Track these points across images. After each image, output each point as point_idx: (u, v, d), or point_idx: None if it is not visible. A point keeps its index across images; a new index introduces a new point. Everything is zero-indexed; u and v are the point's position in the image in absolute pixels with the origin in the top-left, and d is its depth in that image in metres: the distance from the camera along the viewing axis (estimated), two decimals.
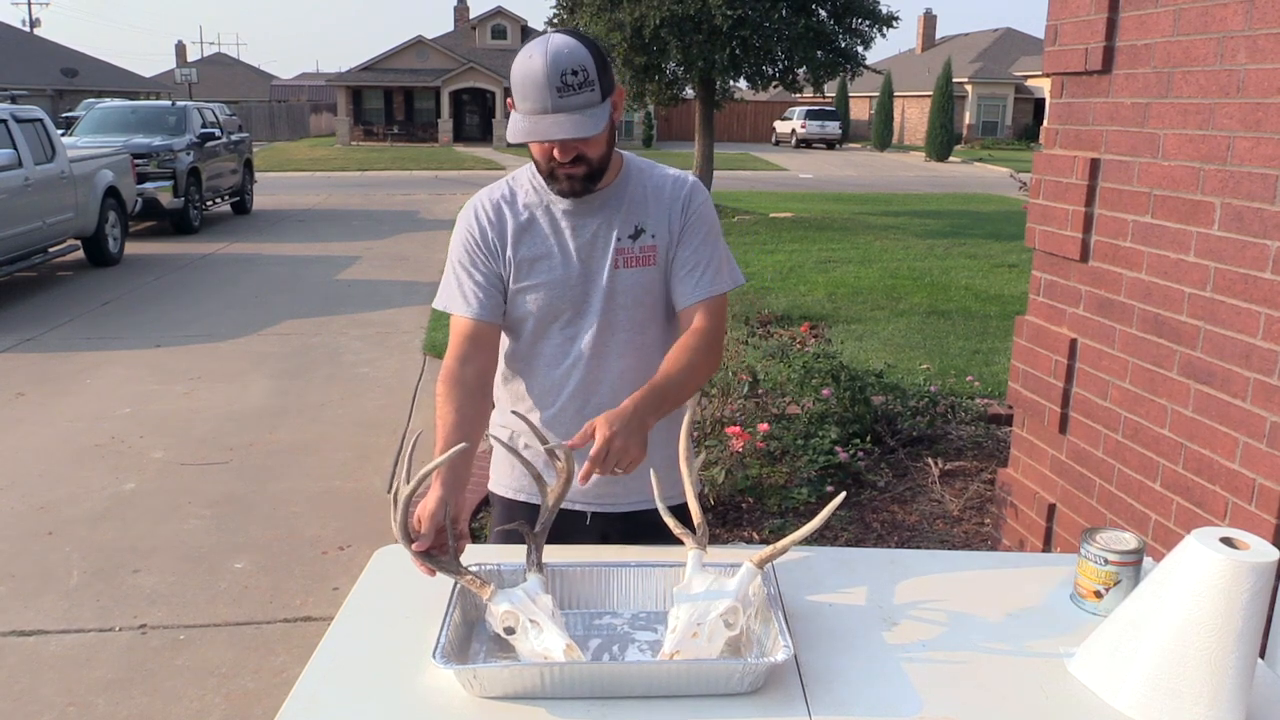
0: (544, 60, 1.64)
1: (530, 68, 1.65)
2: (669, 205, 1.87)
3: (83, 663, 3.11)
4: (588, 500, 1.93)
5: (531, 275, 1.84)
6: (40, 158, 9.28)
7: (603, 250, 1.84)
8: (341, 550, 3.94)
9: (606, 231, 1.84)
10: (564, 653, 1.34)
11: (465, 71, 40.34)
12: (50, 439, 5.16)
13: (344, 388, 6.16)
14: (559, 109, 1.65)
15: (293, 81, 75.69)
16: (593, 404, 1.86)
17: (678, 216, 1.87)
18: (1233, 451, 2.34)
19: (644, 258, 1.85)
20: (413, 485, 1.45)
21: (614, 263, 1.83)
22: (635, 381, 1.83)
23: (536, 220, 1.85)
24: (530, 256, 1.84)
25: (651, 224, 1.86)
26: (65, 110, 27.57)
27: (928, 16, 53.43)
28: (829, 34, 14.53)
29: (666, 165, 1.94)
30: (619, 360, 1.87)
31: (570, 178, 1.76)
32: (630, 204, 1.86)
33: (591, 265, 1.84)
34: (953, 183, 24.19)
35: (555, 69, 1.64)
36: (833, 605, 1.58)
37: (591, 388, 1.87)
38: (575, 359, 1.87)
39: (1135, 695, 1.30)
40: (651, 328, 1.90)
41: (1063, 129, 3.02)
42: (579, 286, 1.84)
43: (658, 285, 1.88)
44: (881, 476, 4.41)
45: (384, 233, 13.47)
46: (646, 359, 1.87)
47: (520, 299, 1.86)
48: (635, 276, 1.85)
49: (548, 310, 1.85)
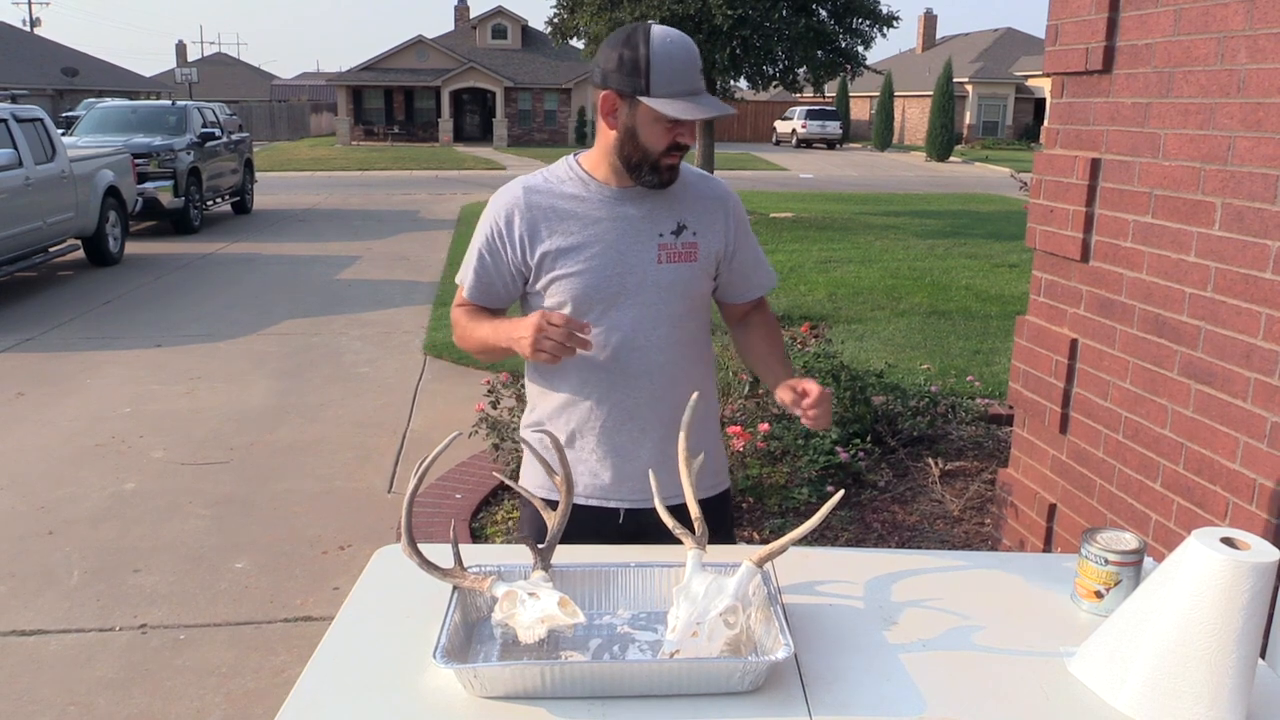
0: (684, 42, 1.72)
1: (680, 49, 1.71)
2: (713, 207, 1.91)
3: (83, 663, 3.11)
4: (621, 498, 1.93)
5: (565, 264, 1.83)
6: (40, 157, 9.28)
7: (645, 244, 1.84)
8: (341, 550, 3.94)
9: (650, 226, 1.85)
10: (559, 605, 1.35)
11: (465, 71, 40.34)
12: (50, 439, 5.16)
13: (344, 388, 6.16)
14: (703, 89, 1.74)
15: (293, 81, 75.75)
16: (633, 397, 1.87)
17: (730, 220, 1.92)
18: (1233, 452, 2.34)
19: (686, 253, 1.87)
20: (414, 484, 1.45)
21: (658, 258, 1.84)
22: (675, 375, 1.88)
23: (575, 211, 1.84)
24: (565, 246, 1.83)
25: (693, 221, 1.88)
26: (65, 110, 27.58)
27: (928, 16, 53.44)
28: (829, 34, 14.52)
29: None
30: (659, 354, 1.88)
31: (672, 167, 1.80)
32: (672, 199, 1.87)
33: (631, 258, 1.84)
34: (953, 183, 24.18)
35: (692, 50, 1.73)
36: (833, 605, 1.58)
37: (631, 380, 1.87)
38: (614, 351, 1.86)
39: (1135, 695, 1.30)
40: (690, 322, 1.92)
41: (1063, 129, 3.02)
42: (616, 279, 1.83)
43: (698, 282, 1.90)
44: (882, 476, 4.41)
45: (384, 233, 13.48)
46: (684, 353, 1.90)
47: (554, 288, 1.85)
48: (678, 271, 1.86)
49: (583, 300, 1.84)
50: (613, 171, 1.83)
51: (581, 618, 1.37)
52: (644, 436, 1.90)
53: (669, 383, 1.88)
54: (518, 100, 41.55)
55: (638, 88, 1.71)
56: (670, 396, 1.88)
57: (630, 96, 1.72)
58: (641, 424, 1.89)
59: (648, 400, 1.88)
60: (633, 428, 1.89)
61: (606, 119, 1.78)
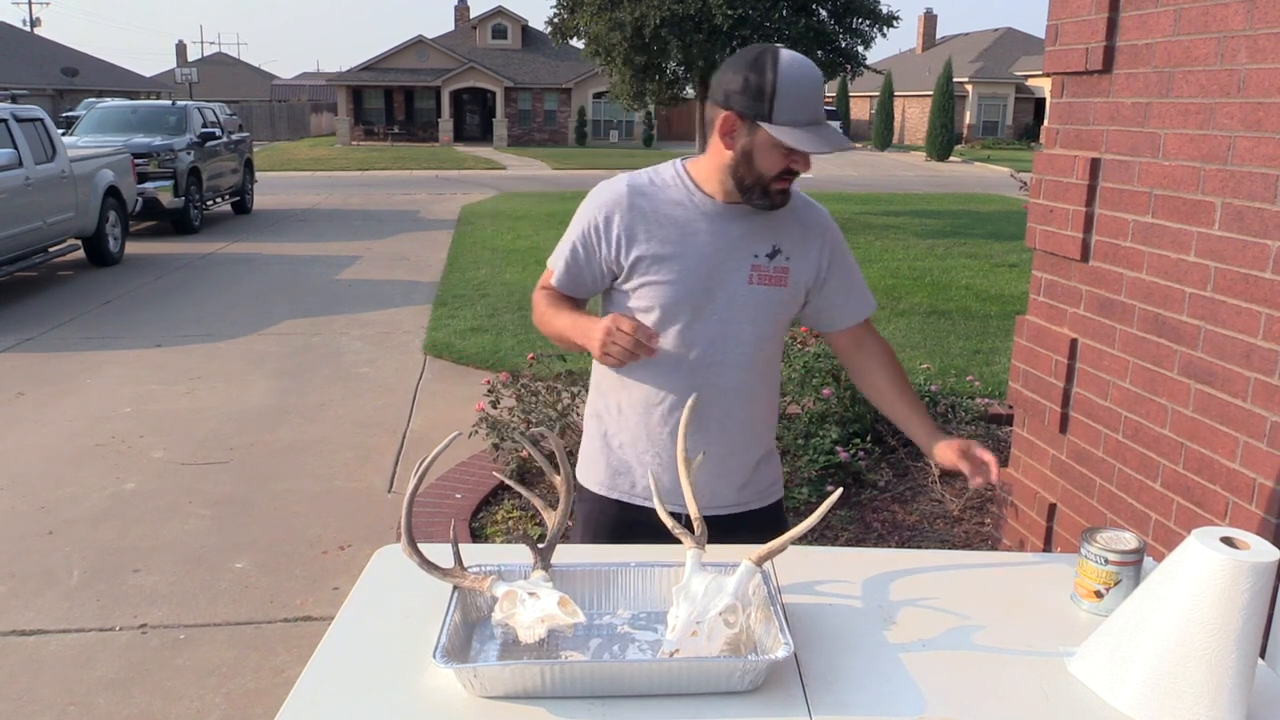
0: (811, 72, 1.68)
1: (806, 79, 1.68)
2: (811, 235, 1.89)
3: (83, 663, 3.11)
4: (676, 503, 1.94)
5: (658, 271, 1.82)
6: (41, 157, 9.28)
7: (739, 262, 1.83)
8: (341, 550, 3.94)
9: (746, 245, 1.83)
10: (559, 605, 1.35)
11: (466, 71, 40.34)
12: (50, 439, 5.16)
13: (344, 388, 6.16)
14: (824, 119, 1.70)
15: (293, 81, 75.75)
16: (703, 409, 1.87)
17: (825, 250, 1.91)
18: (1233, 451, 2.34)
19: (777, 277, 1.86)
20: (414, 484, 1.45)
21: (749, 278, 1.84)
22: (749, 394, 1.90)
23: (676, 219, 1.83)
24: (661, 254, 1.82)
25: (789, 246, 1.86)
26: (66, 110, 27.59)
27: (928, 16, 53.44)
28: (829, 34, 14.51)
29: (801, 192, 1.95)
30: (735, 371, 1.88)
31: (783, 191, 1.78)
32: (770, 222, 1.85)
33: (722, 274, 1.83)
34: (953, 183, 24.18)
35: (817, 82, 1.69)
36: (833, 605, 1.58)
37: (705, 394, 1.87)
38: (693, 363, 1.86)
39: (1135, 695, 1.30)
40: (769, 345, 1.92)
41: (1063, 129, 3.02)
42: (705, 292, 1.83)
43: (784, 307, 1.89)
44: (882, 476, 4.41)
45: (384, 233, 13.47)
46: (758, 373, 1.91)
47: (643, 292, 1.84)
48: (766, 294, 1.85)
49: (669, 308, 1.83)
50: (721, 188, 1.82)
51: (581, 617, 1.37)
52: (707, 449, 1.92)
53: (740, 401, 1.90)
54: (518, 100, 41.55)
55: (760, 113, 1.69)
56: (739, 413, 1.91)
57: (751, 120, 1.70)
58: (706, 436, 1.90)
59: (717, 415, 1.89)
60: (704, 441, 1.91)
61: (724, 139, 1.76)
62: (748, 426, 1.94)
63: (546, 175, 25.33)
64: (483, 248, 11.78)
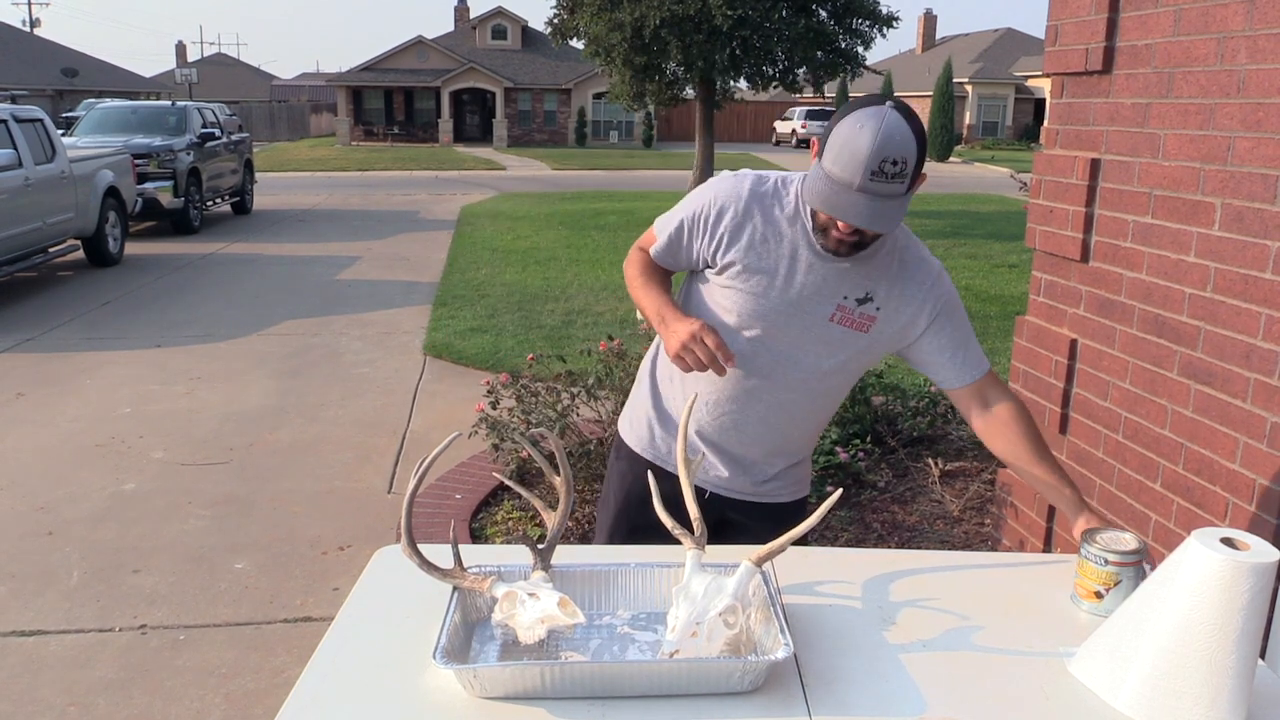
0: (872, 139, 1.57)
1: (857, 140, 1.58)
2: (912, 297, 1.83)
3: (83, 663, 3.11)
4: (708, 480, 1.99)
5: (747, 280, 1.81)
6: (40, 158, 9.28)
7: (827, 298, 1.81)
8: (341, 550, 3.94)
9: (837, 284, 1.80)
10: (559, 605, 1.35)
11: (465, 71, 40.34)
12: (50, 439, 5.16)
13: (344, 388, 6.16)
14: (865, 190, 1.59)
15: (293, 81, 75.77)
16: (749, 416, 1.89)
17: (926, 314, 1.83)
18: (1233, 452, 2.34)
19: (860, 324, 1.83)
20: (414, 484, 1.45)
21: (831, 315, 1.82)
22: (797, 414, 1.92)
23: (783, 235, 1.80)
24: (755, 265, 1.81)
25: (882, 296, 1.82)
26: (65, 110, 27.58)
27: (928, 16, 53.43)
28: (829, 34, 14.53)
29: (923, 246, 1.89)
30: (789, 392, 1.88)
31: (841, 243, 1.73)
32: (873, 269, 1.81)
33: (806, 304, 1.81)
34: (953, 183, 24.18)
35: (880, 154, 1.57)
36: (832, 605, 1.58)
37: (751, 403, 1.88)
38: (752, 370, 1.86)
39: (1135, 695, 1.30)
40: (833, 380, 1.91)
41: (1063, 129, 3.02)
42: (784, 316, 1.82)
43: (860, 354, 1.88)
44: (882, 477, 4.41)
45: (384, 233, 13.47)
46: (815, 403, 1.93)
47: (728, 293, 1.84)
48: (844, 336, 1.84)
49: (745, 318, 1.83)
50: None
51: (581, 618, 1.37)
52: (744, 449, 1.96)
53: (786, 416, 1.91)
54: (518, 100, 41.54)
55: (820, 150, 1.66)
56: (783, 428, 1.94)
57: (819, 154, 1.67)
58: (745, 440, 1.94)
59: (760, 426, 1.92)
60: (738, 438, 1.94)
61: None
62: (783, 437, 1.96)
63: (546, 176, 25.33)
64: (482, 248, 11.78)
